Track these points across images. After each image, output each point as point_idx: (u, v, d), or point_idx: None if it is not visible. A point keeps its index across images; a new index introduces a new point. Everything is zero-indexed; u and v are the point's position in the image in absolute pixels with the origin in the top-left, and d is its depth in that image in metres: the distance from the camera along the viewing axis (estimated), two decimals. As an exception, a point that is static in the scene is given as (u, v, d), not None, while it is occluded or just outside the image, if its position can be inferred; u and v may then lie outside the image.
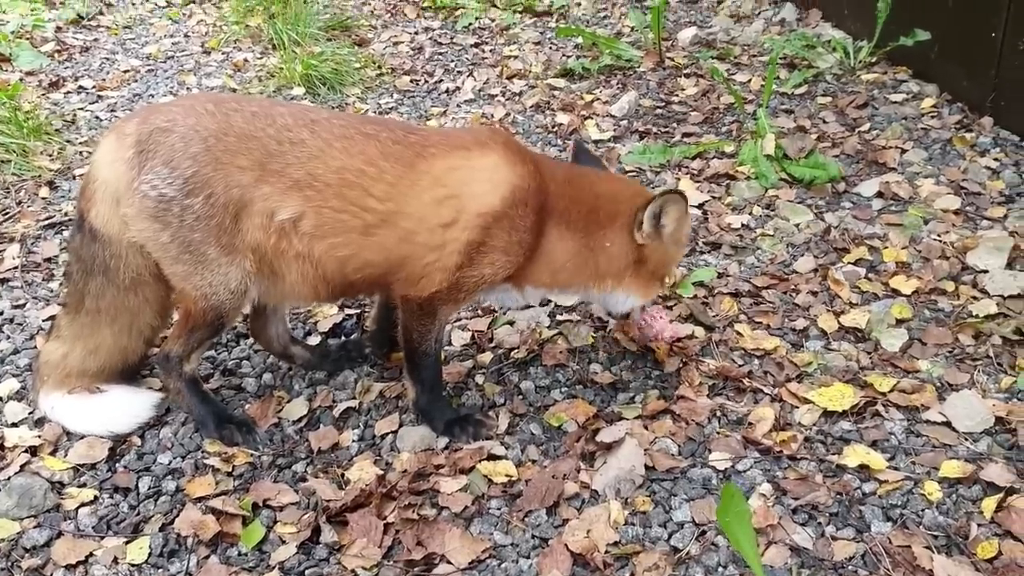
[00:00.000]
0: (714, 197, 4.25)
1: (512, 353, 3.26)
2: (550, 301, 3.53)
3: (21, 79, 5.85)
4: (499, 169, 2.63)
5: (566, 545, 2.44)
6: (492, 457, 2.77)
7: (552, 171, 2.80)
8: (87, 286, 2.80)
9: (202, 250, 2.61)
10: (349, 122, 2.69)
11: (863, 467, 2.67)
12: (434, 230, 2.61)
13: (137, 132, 2.62)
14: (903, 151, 4.48)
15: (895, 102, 4.97)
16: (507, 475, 2.70)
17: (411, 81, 5.86)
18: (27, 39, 6.56)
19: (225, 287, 2.66)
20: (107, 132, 2.80)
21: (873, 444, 2.77)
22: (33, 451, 2.84)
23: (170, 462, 2.81)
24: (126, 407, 2.94)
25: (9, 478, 2.70)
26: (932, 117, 4.78)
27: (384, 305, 3.10)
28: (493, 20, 6.92)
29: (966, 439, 2.78)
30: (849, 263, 3.69)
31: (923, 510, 2.54)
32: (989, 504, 2.52)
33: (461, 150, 2.65)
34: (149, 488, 2.72)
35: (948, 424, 2.83)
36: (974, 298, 3.40)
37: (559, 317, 3.47)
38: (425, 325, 2.76)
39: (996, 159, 4.32)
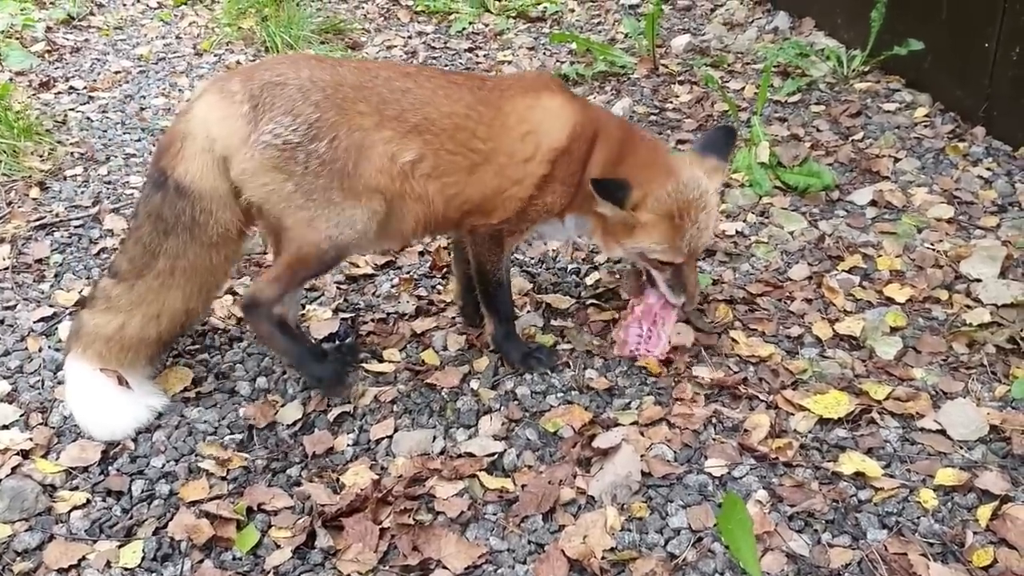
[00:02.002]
0: (708, 204, 4.25)
1: (507, 358, 3.25)
2: (546, 307, 3.54)
3: (11, 79, 5.82)
4: (564, 108, 2.95)
5: (563, 551, 2.44)
6: (490, 468, 2.77)
7: (599, 112, 3.16)
8: (163, 246, 2.82)
9: (326, 195, 2.73)
10: (436, 73, 2.99)
11: (859, 474, 2.68)
12: (519, 165, 2.92)
13: (246, 88, 2.70)
14: (896, 160, 4.50)
15: (888, 111, 4.99)
16: (503, 488, 2.69)
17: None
18: (17, 39, 6.52)
19: (351, 227, 2.78)
20: (203, 91, 2.83)
21: (869, 451, 2.78)
22: (25, 454, 2.81)
23: (163, 465, 2.79)
24: (116, 417, 2.90)
25: (0, 481, 2.67)
26: (925, 126, 4.81)
27: (464, 276, 3.33)
28: (487, 25, 6.92)
29: (961, 447, 2.79)
30: (843, 271, 3.70)
31: (919, 518, 2.54)
32: (984, 512, 2.52)
33: (532, 92, 2.95)
34: (142, 491, 2.70)
35: (943, 432, 2.84)
36: (968, 307, 3.41)
37: (553, 322, 3.47)
38: (495, 254, 3.06)
39: (989, 168, 4.35)
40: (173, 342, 3.15)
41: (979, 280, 3.55)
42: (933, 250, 3.78)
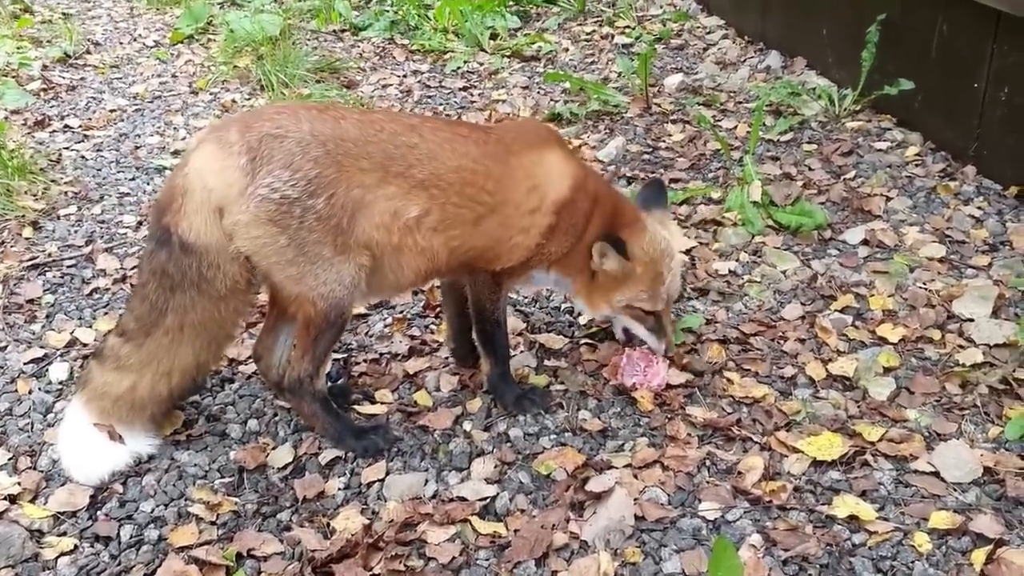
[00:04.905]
0: (701, 243, 4.27)
1: (500, 399, 3.24)
2: (539, 347, 3.53)
3: (6, 117, 5.84)
4: (565, 162, 3.05)
5: (555, 598, 2.42)
6: (482, 512, 2.75)
7: (589, 168, 3.37)
8: (170, 303, 2.78)
9: (317, 250, 2.72)
10: (440, 125, 2.99)
11: (853, 518, 2.66)
12: (524, 215, 2.97)
13: (244, 140, 2.67)
14: (888, 199, 4.52)
15: (880, 150, 5.02)
16: (495, 533, 2.67)
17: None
18: (13, 77, 6.56)
19: (339, 283, 2.78)
20: (200, 141, 2.79)
21: (862, 494, 2.76)
22: (12, 499, 2.78)
23: (153, 510, 2.77)
24: (96, 463, 2.88)
25: (-13, 526, 2.65)
26: (916, 165, 4.83)
27: (455, 318, 3.35)
28: (481, 64, 6.98)
29: (955, 489, 2.77)
30: (836, 310, 3.70)
31: (913, 562, 2.52)
32: (979, 556, 2.51)
33: (535, 147, 3.03)
34: (131, 537, 2.67)
35: (936, 474, 2.83)
36: (960, 347, 3.41)
37: (546, 362, 3.46)
38: (495, 294, 3.10)
39: (979, 207, 4.36)
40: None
41: (971, 320, 3.55)
42: (925, 289, 3.78)
